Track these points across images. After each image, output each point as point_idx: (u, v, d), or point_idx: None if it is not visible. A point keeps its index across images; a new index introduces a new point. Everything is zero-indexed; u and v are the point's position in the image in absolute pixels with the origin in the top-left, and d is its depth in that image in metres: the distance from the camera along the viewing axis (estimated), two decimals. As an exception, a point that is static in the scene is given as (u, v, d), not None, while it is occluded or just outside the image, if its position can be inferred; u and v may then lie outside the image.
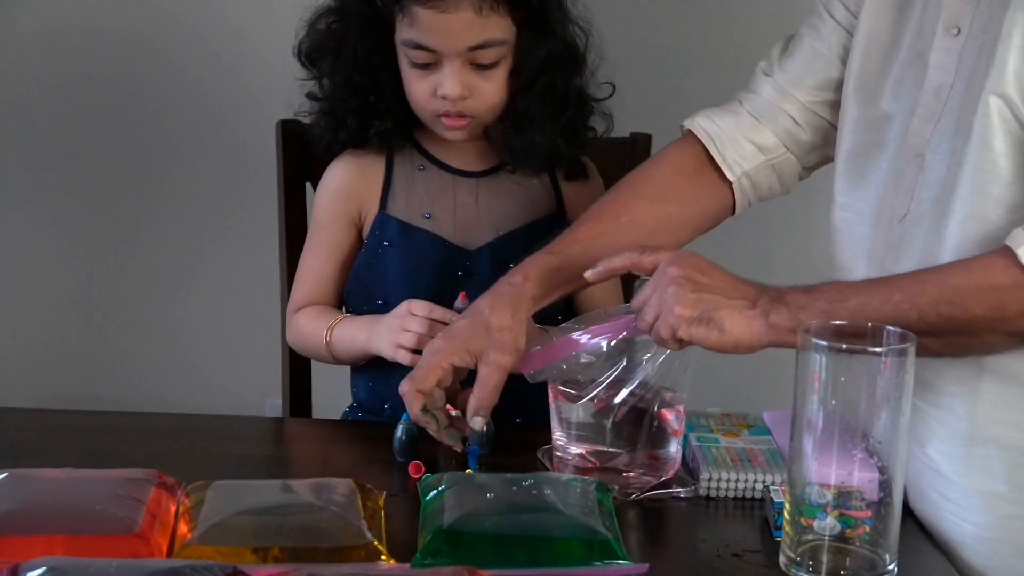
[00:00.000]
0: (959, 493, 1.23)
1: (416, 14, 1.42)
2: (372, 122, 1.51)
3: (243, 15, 2.24)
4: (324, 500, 1.12)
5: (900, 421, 1.05)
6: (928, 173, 1.23)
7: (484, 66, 1.45)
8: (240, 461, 1.34)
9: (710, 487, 1.28)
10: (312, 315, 1.55)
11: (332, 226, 1.57)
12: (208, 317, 2.39)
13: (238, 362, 2.38)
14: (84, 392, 2.32)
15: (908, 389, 1.05)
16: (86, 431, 1.43)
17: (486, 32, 1.43)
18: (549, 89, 1.50)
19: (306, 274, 1.59)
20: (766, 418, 1.42)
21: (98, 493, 1.11)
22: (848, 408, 1.05)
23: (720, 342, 1.20)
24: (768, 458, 1.32)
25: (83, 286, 2.37)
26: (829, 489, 1.06)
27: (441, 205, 1.54)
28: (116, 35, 2.24)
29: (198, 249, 2.37)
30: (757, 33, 2.11)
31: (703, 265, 1.24)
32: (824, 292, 1.19)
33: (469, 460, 1.32)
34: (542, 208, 1.57)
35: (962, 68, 1.21)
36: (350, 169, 1.56)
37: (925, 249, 1.23)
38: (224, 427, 1.48)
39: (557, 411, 1.33)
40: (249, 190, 2.26)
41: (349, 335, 1.50)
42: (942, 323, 1.14)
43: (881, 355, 1.04)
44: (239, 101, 2.25)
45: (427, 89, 1.46)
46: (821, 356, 1.04)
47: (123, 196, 2.34)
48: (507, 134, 1.52)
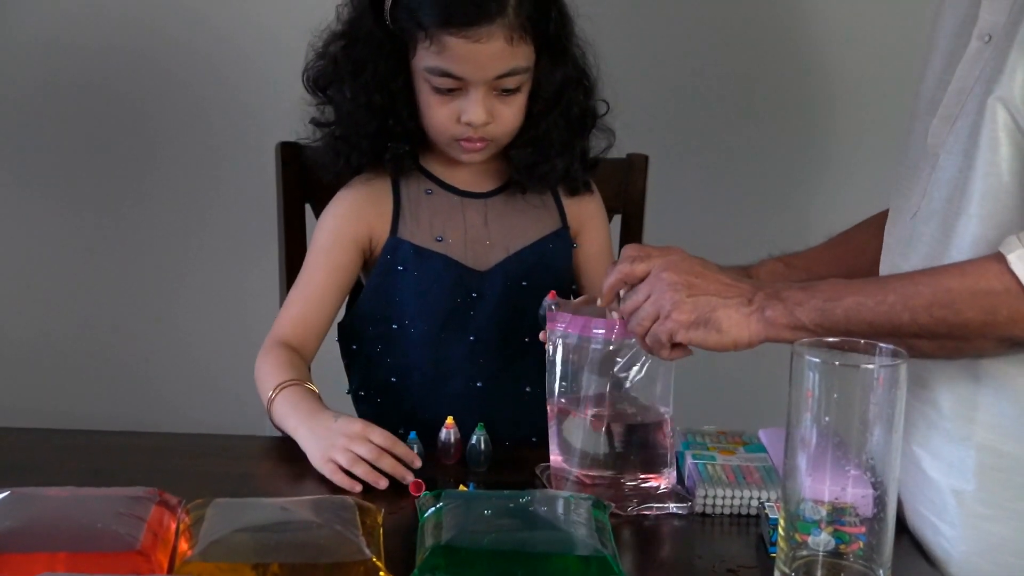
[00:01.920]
0: (935, 492, 1.25)
1: (446, 43, 1.43)
2: (387, 145, 1.52)
3: (247, 35, 2.23)
4: (323, 517, 1.13)
5: (893, 437, 1.06)
6: (941, 172, 1.25)
7: (506, 91, 1.48)
8: (240, 480, 1.36)
9: (706, 504, 1.30)
10: (278, 363, 1.49)
11: (336, 249, 1.56)
12: (209, 336, 2.38)
13: (239, 383, 2.37)
14: (82, 408, 2.32)
15: (901, 405, 1.06)
16: (88, 450, 1.44)
17: (513, 60, 1.45)
18: (567, 112, 1.53)
19: (298, 298, 1.56)
20: (762, 436, 1.44)
21: (100, 511, 1.12)
22: (841, 424, 1.06)
23: (719, 342, 1.24)
24: (763, 475, 1.33)
25: (81, 299, 2.35)
26: (823, 505, 1.07)
27: (452, 228, 1.56)
28: (113, 50, 2.24)
29: (200, 267, 2.35)
30: (751, 52, 2.13)
31: (697, 268, 1.27)
32: (821, 290, 1.21)
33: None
34: (548, 225, 1.60)
35: (983, 72, 1.22)
36: (361, 194, 1.57)
37: (932, 247, 1.25)
38: (224, 446, 1.49)
39: (555, 429, 1.35)
40: (250, 211, 2.27)
41: (284, 411, 1.43)
42: (934, 325, 1.16)
43: (874, 371, 1.05)
44: (240, 122, 2.26)
45: (449, 115, 1.48)
46: (814, 373, 1.06)
47: (121, 211, 2.31)
48: (530, 158, 1.54)
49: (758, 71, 1.39)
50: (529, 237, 1.58)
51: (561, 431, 1.34)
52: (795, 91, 2.19)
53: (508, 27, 1.43)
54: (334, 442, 1.34)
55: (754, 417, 1.50)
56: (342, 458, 1.33)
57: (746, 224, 1.88)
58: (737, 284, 1.26)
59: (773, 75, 2.17)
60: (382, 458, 1.33)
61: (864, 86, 2.17)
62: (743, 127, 2.19)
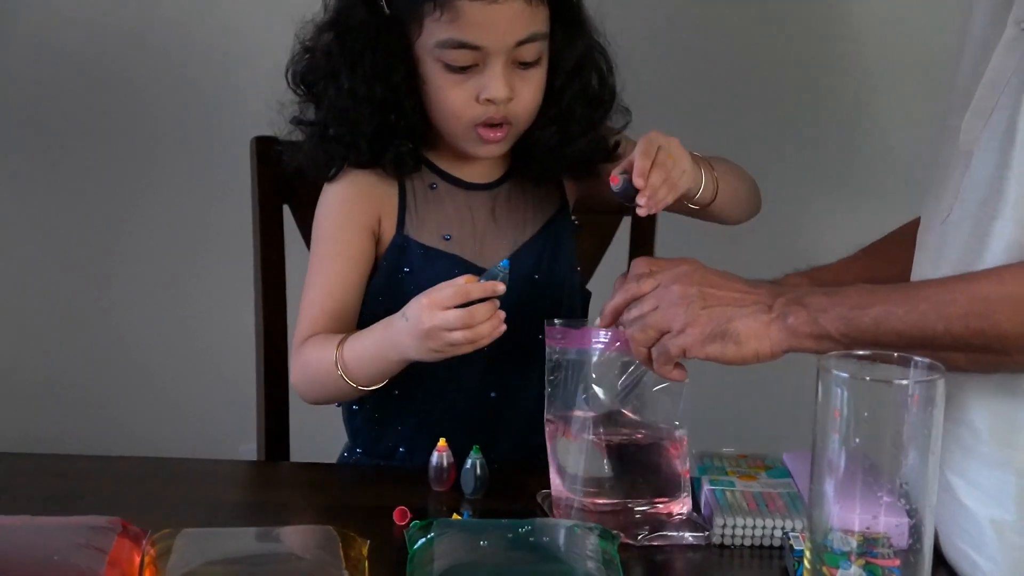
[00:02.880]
0: (972, 522, 1.23)
1: (460, 9, 1.41)
2: (389, 144, 1.49)
3: (223, 32, 2.25)
4: (303, 549, 1.13)
5: (930, 460, 1.04)
6: (975, 172, 1.24)
7: (525, 65, 1.46)
8: (211, 508, 1.34)
9: (724, 534, 1.28)
10: (317, 343, 1.47)
11: (346, 234, 1.52)
12: (176, 354, 2.39)
13: (209, 405, 2.38)
14: (35, 429, 2.31)
15: (938, 425, 1.04)
16: (44, 475, 1.43)
17: (533, 24, 1.44)
18: (587, 86, 1.53)
19: (317, 296, 1.51)
20: (786, 460, 1.42)
21: (57, 542, 1.11)
22: (873, 446, 1.04)
23: (738, 355, 1.23)
24: (788, 503, 1.32)
25: (43, 316, 2.37)
26: (853, 535, 1.05)
27: (459, 224, 1.55)
28: (73, 44, 2.26)
29: (166, 280, 2.37)
30: (753, 42, 2.17)
31: (710, 277, 1.27)
32: (847, 296, 1.21)
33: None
34: (551, 207, 1.60)
35: (1022, 62, 1.20)
36: (366, 178, 1.53)
37: (964, 253, 1.23)
38: (193, 471, 1.48)
39: (555, 452, 1.33)
40: (222, 214, 2.25)
41: (365, 346, 1.42)
42: (970, 336, 1.15)
43: (908, 388, 1.03)
44: (212, 116, 2.25)
45: (466, 95, 1.45)
46: (842, 390, 1.04)
47: (89, 227, 2.34)
48: (555, 138, 1.52)
49: (784, 72, 1.39)
50: (535, 224, 1.58)
51: (562, 454, 1.33)
52: (822, 92, 2.22)
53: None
54: (425, 345, 1.34)
55: (777, 439, 1.49)
56: (449, 340, 1.33)
57: (766, 227, 1.88)
58: (754, 291, 1.25)
59: (799, 76, 2.21)
60: (476, 327, 1.32)
61: (896, 85, 2.20)
62: (764, 127, 2.21)
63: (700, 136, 1.50)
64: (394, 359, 1.40)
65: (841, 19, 2.20)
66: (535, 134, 1.52)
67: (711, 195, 1.46)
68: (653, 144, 1.37)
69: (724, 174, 1.49)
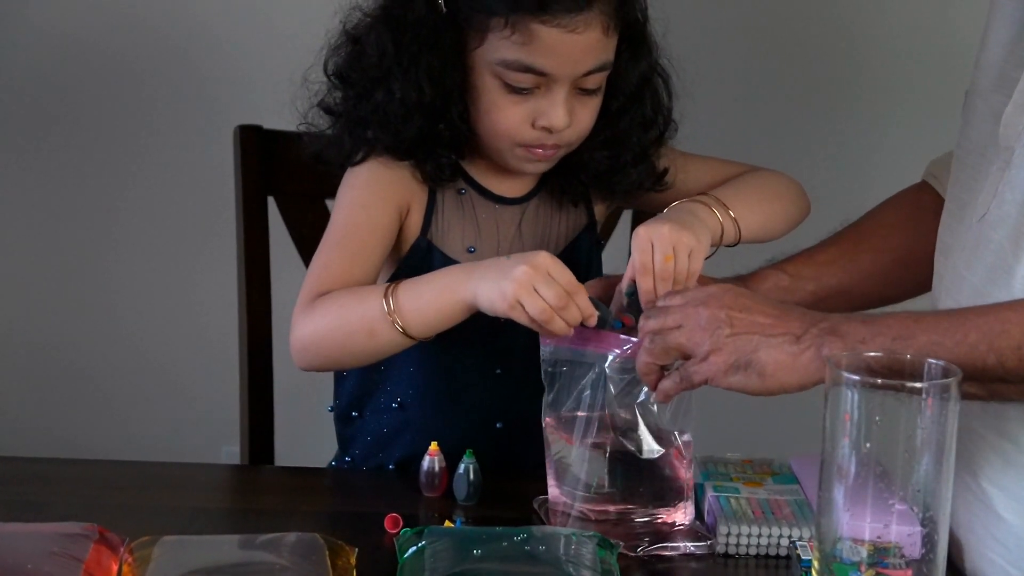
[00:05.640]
0: (1008, 534, 1.23)
1: (535, 32, 1.38)
2: (431, 153, 1.47)
3: (228, 20, 2.25)
4: (287, 558, 1.13)
5: (945, 466, 1.05)
6: (1015, 171, 1.22)
7: (585, 91, 1.45)
8: (192, 514, 1.35)
9: (728, 543, 1.29)
10: (346, 294, 1.40)
11: (376, 207, 1.47)
12: (158, 351, 2.38)
13: (191, 404, 2.38)
14: (10, 432, 2.32)
15: (953, 430, 1.04)
16: (16, 479, 1.43)
17: (605, 54, 1.43)
18: (643, 110, 1.52)
19: (338, 256, 1.45)
20: (793, 465, 1.43)
21: (30, 550, 1.11)
22: (884, 452, 1.04)
23: (763, 387, 1.20)
24: (795, 510, 1.32)
25: (17, 312, 2.37)
26: (863, 545, 1.06)
27: (485, 239, 1.54)
28: (75, 40, 2.26)
29: (149, 275, 2.37)
30: (768, 41, 2.18)
31: (742, 301, 1.24)
32: (889, 326, 1.18)
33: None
34: (577, 224, 1.59)
35: None
36: (397, 163, 1.49)
37: (999, 256, 1.23)
38: (174, 475, 1.48)
39: (552, 457, 1.34)
40: (204, 206, 2.26)
41: (429, 285, 1.37)
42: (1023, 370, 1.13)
43: (922, 391, 1.04)
44: (194, 104, 2.26)
45: (521, 117, 1.43)
46: (853, 393, 1.04)
47: (71, 222, 2.34)
48: (606, 163, 1.52)
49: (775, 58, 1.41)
50: (562, 241, 1.57)
51: (560, 459, 1.33)
52: (815, 80, 2.23)
53: (606, 14, 1.40)
54: (517, 276, 1.30)
55: (784, 444, 1.49)
56: (530, 303, 1.29)
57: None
58: (784, 318, 1.22)
59: (795, 69, 2.22)
60: (568, 308, 1.30)
61: (891, 67, 2.21)
62: (756, 119, 2.23)
63: (712, 135, 1.50)
64: (460, 296, 1.35)
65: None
66: (583, 156, 1.51)
67: (734, 236, 1.46)
68: (647, 253, 1.34)
69: (748, 203, 1.48)
